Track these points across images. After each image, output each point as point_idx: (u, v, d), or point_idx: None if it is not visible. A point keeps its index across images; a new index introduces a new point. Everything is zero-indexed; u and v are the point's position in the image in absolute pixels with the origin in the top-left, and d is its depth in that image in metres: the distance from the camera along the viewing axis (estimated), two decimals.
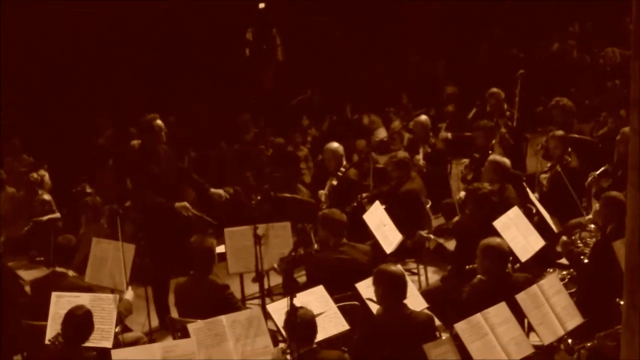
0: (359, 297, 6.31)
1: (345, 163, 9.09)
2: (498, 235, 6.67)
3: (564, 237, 7.16)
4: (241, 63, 14.95)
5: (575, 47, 15.16)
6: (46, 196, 10.50)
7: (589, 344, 5.97)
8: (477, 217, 7.30)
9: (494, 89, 10.67)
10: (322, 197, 8.90)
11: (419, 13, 16.02)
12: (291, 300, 5.34)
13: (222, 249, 7.43)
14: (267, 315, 6.06)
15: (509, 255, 6.36)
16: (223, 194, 8.46)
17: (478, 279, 6.28)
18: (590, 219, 7.51)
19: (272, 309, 6.04)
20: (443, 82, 14.69)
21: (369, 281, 6.00)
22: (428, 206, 8.84)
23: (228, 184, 10.88)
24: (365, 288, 6.19)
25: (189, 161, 11.56)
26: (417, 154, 9.84)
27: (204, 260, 6.58)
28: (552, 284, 6.13)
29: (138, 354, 5.54)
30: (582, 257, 6.94)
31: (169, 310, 7.77)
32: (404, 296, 5.77)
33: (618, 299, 5.56)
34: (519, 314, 5.80)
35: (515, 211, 7.25)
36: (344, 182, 8.88)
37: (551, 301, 5.98)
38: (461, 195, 7.97)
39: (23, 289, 7.56)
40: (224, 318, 5.82)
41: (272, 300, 7.34)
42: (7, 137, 11.30)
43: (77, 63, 12.55)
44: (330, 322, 6.05)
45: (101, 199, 10.27)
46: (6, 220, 10.25)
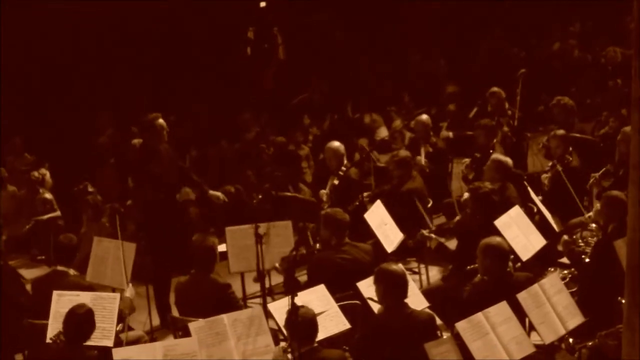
0: (360, 296, 6.31)
1: (346, 162, 9.10)
2: (499, 234, 6.68)
3: (565, 236, 7.14)
4: (241, 62, 14.93)
5: (576, 46, 15.14)
6: (47, 195, 10.49)
7: (590, 343, 5.98)
8: (478, 217, 7.30)
9: (495, 89, 10.66)
10: (324, 196, 8.90)
11: (419, 13, 16.00)
12: (292, 299, 5.34)
13: (223, 248, 7.43)
14: (268, 314, 6.06)
15: (510, 254, 6.36)
16: (221, 196, 8.47)
17: (479, 278, 6.28)
18: (591, 216, 7.51)
19: (273, 308, 6.04)
20: (444, 81, 14.68)
21: (370, 280, 6.00)
22: (429, 205, 8.85)
23: (229, 182, 10.89)
24: (366, 287, 6.19)
25: (190, 160, 11.55)
26: (419, 153, 9.84)
27: (205, 259, 6.58)
28: (553, 283, 6.13)
29: (139, 352, 5.55)
30: (583, 256, 6.93)
31: (170, 309, 7.76)
32: (405, 295, 5.77)
33: (619, 298, 5.56)
34: (520, 313, 5.80)
35: (516, 210, 7.24)
36: (345, 181, 8.88)
37: (552, 300, 5.98)
38: (465, 196, 7.94)
39: (24, 287, 7.56)
40: (225, 317, 5.82)
41: (273, 299, 7.35)
42: (8, 136, 11.28)
43: (77, 63, 12.52)
44: (332, 321, 6.05)
45: (102, 197, 10.27)
46: (7, 219, 10.24)
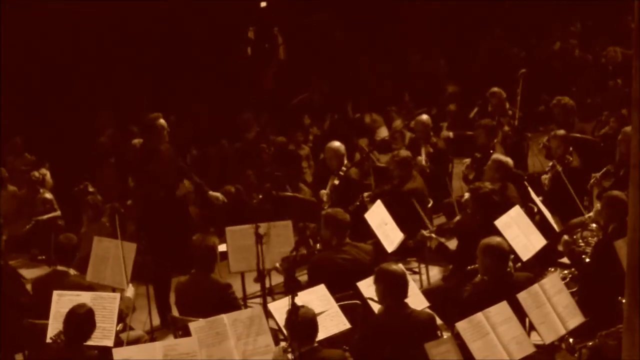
0: (360, 296, 6.31)
1: (346, 162, 9.09)
2: (499, 234, 6.67)
3: (566, 236, 7.13)
4: (242, 62, 14.93)
5: (577, 46, 15.15)
6: (47, 195, 10.49)
7: (590, 343, 5.98)
8: (479, 217, 7.30)
9: (495, 89, 10.66)
10: (324, 196, 8.90)
11: (419, 13, 16.01)
12: (292, 299, 5.34)
13: (223, 248, 7.43)
14: (268, 314, 6.06)
15: (510, 254, 6.35)
16: (221, 197, 8.47)
17: (479, 278, 6.28)
18: (591, 216, 7.51)
19: (273, 308, 6.04)
20: (444, 81, 14.68)
21: (370, 280, 6.00)
22: (429, 205, 8.85)
23: (229, 182, 10.89)
24: (366, 287, 6.19)
25: (190, 160, 11.54)
26: (419, 154, 9.83)
27: (205, 259, 6.57)
28: (553, 283, 6.12)
29: (139, 352, 5.54)
30: (583, 256, 6.92)
31: (170, 308, 7.76)
32: (405, 295, 5.77)
33: (620, 298, 5.56)
34: (520, 313, 5.79)
35: (516, 210, 7.24)
36: (345, 181, 8.88)
37: (552, 300, 5.98)
38: (465, 196, 7.93)
39: (24, 287, 7.56)
40: (225, 317, 5.81)
41: (274, 299, 7.34)
42: (9, 136, 11.29)
43: (77, 63, 12.52)
44: (332, 321, 6.04)
45: (102, 197, 10.26)
46: (7, 218, 10.24)
